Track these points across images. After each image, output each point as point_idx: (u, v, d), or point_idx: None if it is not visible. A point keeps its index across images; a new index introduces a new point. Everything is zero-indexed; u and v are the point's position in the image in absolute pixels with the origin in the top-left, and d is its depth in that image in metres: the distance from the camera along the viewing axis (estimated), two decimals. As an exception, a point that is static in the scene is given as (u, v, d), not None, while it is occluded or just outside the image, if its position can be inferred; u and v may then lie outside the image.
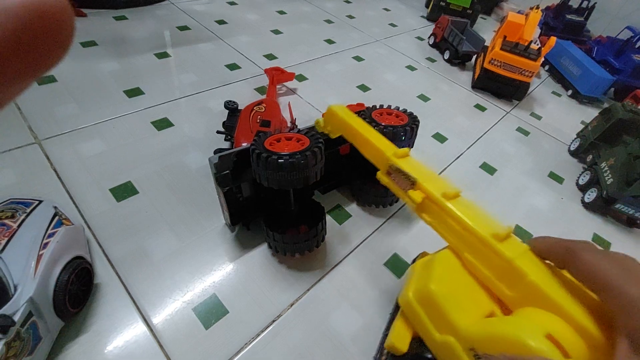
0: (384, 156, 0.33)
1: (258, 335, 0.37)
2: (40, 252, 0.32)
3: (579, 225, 0.61)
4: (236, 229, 0.46)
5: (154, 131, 0.57)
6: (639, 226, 0.62)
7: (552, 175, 0.69)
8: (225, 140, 0.56)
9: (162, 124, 0.58)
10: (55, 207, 0.37)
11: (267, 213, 0.43)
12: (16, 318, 0.27)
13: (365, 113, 0.46)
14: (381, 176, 0.34)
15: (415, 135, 0.46)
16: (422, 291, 0.26)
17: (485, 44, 0.96)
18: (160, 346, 0.35)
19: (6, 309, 0.27)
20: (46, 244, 0.33)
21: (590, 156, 0.72)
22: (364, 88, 0.80)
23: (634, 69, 0.97)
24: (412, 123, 0.45)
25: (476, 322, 0.23)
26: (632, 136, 0.66)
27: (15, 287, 0.29)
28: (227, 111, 0.58)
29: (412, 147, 0.46)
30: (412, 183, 0.30)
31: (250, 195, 0.44)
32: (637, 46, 1.01)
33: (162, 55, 0.74)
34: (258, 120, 0.52)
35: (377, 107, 0.48)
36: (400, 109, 0.48)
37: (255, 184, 0.43)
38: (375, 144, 0.34)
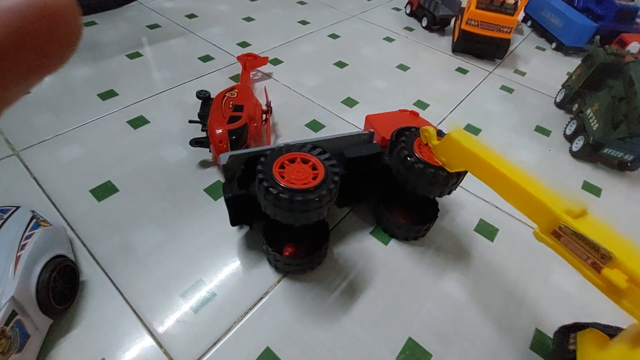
0: (551, 213, 0.26)
1: (247, 313, 0.37)
2: (19, 254, 0.32)
3: (569, 174, 0.60)
4: (242, 229, 0.45)
5: (130, 130, 0.57)
6: (631, 169, 0.61)
7: (539, 129, 0.68)
8: (201, 130, 0.56)
9: (138, 122, 0.58)
10: (33, 211, 0.38)
11: (267, 225, 0.40)
12: (-2, 317, 0.28)
13: (407, 138, 0.39)
14: (542, 236, 0.27)
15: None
16: None
17: (462, 5, 0.94)
18: (151, 333, 0.35)
19: (-14, 310, 0.28)
20: (24, 245, 0.33)
21: (576, 105, 0.70)
22: (340, 65, 0.79)
23: (616, 13, 0.94)
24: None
25: None
26: (615, 79, 0.65)
27: (-4, 289, 0.30)
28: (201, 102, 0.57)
29: None
30: (602, 257, 0.23)
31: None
32: (618, -11, 0.98)
33: (134, 55, 0.74)
34: (230, 106, 0.52)
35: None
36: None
37: None
38: (533, 194, 0.27)
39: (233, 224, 0.41)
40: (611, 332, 0.30)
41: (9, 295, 0.30)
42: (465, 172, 0.36)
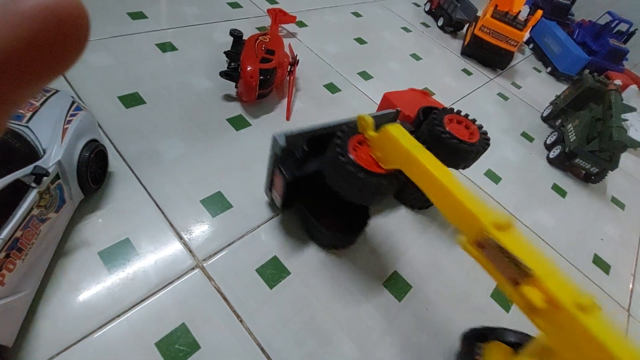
0: (477, 222, 0.25)
1: (259, 226, 0.42)
2: (65, 127, 0.35)
3: (542, 175, 0.68)
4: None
5: (159, 52, 0.58)
6: (594, 182, 0.70)
7: (524, 135, 0.76)
8: (228, 68, 0.59)
9: (166, 47, 0.60)
10: (72, 97, 0.39)
11: (308, 205, 0.41)
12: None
13: (437, 116, 0.40)
14: (466, 245, 0.26)
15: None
16: None
17: (478, 14, 1.01)
18: (171, 225, 0.39)
19: (40, 164, 0.30)
20: (69, 120, 0.35)
21: (559, 120, 0.79)
22: (360, 41, 0.83)
23: (608, 51, 1.04)
24: (483, 144, 0.39)
25: None
26: (597, 104, 0.73)
27: (44, 151, 0.32)
28: (231, 41, 0.60)
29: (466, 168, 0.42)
30: (524, 274, 0.23)
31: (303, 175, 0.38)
32: (614, 31, 1.08)
33: (164, -14, 0.74)
34: (263, 48, 0.55)
35: (448, 110, 0.42)
36: (470, 117, 0.42)
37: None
38: (462, 201, 0.26)
39: (285, 206, 0.40)
40: (516, 339, 0.33)
41: (57, 159, 0.32)
42: None
